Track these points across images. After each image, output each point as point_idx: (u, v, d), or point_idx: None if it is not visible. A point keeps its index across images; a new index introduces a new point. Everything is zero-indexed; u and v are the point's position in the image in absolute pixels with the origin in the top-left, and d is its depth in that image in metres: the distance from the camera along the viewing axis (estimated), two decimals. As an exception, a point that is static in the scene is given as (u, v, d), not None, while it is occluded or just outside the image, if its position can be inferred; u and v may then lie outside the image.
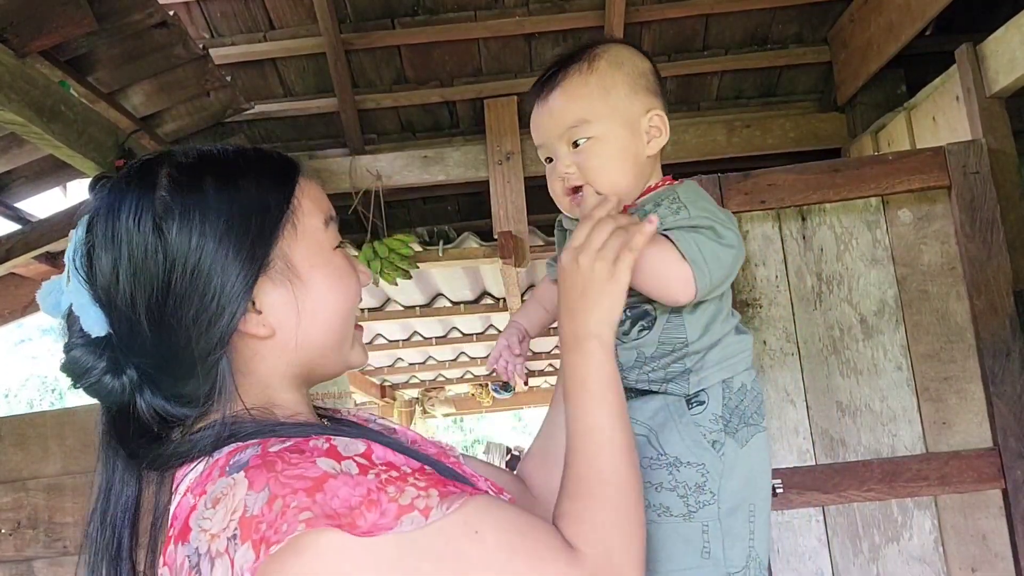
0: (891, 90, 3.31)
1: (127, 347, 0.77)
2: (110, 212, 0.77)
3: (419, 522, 0.66)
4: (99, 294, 0.76)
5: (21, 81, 2.23)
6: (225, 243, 0.76)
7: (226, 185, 0.78)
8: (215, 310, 0.75)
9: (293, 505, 0.65)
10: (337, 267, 0.84)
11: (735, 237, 1.00)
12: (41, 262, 3.51)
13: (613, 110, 1.01)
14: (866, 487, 2.12)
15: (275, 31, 3.41)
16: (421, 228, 3.86)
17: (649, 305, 1.00)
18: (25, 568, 2.58)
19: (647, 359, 1.00)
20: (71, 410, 2.73)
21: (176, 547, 0.69)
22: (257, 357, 0.80)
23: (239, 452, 0.71)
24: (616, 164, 1.01)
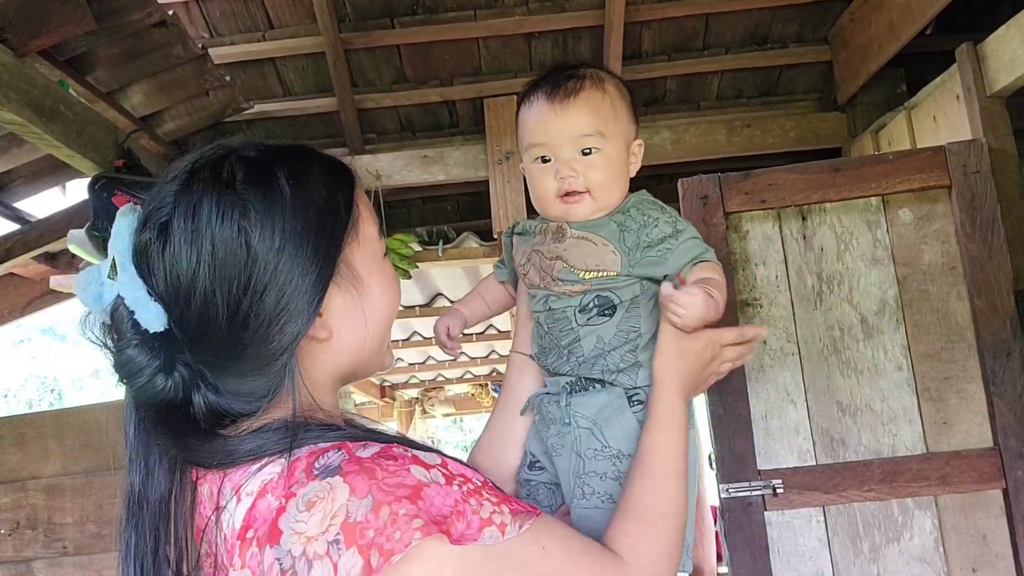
0: (891, 89, 3.31)
1: (193, 344, 0.76)
2: (190, 207, 0.76)
3: (497, 536, 0.72)
4: (161, 289, 0.75)
5: (20, 81, 2.23)
6: (304, 244, 0.77)
7: (301, 185, 0.79)
8: (293, 310, 0.76)
9: (402, 513, 0.68)
10: (388, 275, 0.88)
11: None
12: (40, 262, 3.51)
13: (619, 130, 1.13)
14: (866, 487, 2.12)
15: (274, 30, 3.41)
16: (421, 228, 3.85)
17: (612, 293, 1.08)
18: (24, 568, 2.57)
19: (606, 345, 1.08)
20: (70, 410, 2.73)
21: (263, 550, 0.69)
22: (312, 359, 0.82)
23: (321, 455, 0.72)
24: (615, 178, 1.12)
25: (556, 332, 1.11)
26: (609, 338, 1.08)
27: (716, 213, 2.25)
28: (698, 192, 2.28)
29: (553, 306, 1.11)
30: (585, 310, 1.09)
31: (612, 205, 1.12)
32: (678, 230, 1.10)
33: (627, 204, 1.13)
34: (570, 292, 1.09)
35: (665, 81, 3.66)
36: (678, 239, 1.09)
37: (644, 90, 3.66)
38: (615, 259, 1.08)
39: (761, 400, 2.22)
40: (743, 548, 2.13)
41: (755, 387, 2.22)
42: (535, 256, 1.14)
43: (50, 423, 2.66)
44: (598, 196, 1.11)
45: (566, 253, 1.10)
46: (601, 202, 1.11)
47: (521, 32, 3.45)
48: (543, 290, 1.12)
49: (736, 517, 2.14)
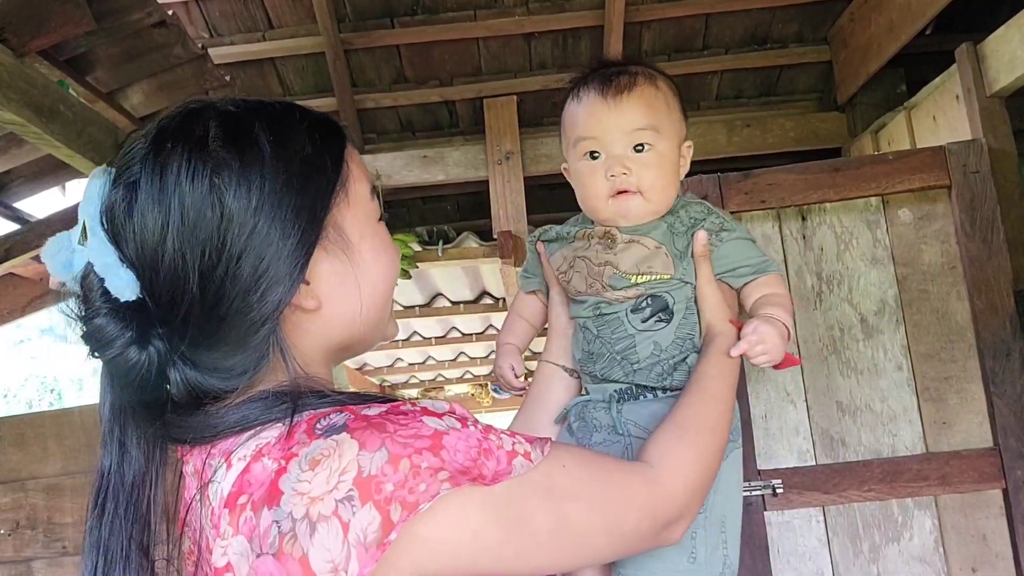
0: (891, 89, 3.31)
1: (165, 314, 0.69)
2: (156, 167, 0.69)
3: (527, 464, 0.70)
4: (132, 255, 0.69)
5: (20, 81, 2.23)
6: (285, 204, 0.70)
7: (282, 142, 0.72)
8: (273, 276, 0.69)
9: (425, 466, 0.63)
10: (383, 238, 0.81)
11: None
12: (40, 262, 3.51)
13: (673, 128, 1.11)
14: (866, 487, 2.12)
15: (274, 31, 3.41)
16: (420, 228, 3.85)
17: (669, 296, 1.06)
18: (24, 568, 2.57)
19: (663, 352, 1.05)
20: (70, 410, 2.73)
21: (258, 513, 0.63)
22: (299, 330, 0.75)
23: (322, 418, 0.67)
24: (668, 178, 1.09)
25: (608, 336, 1.07)
26: (667, 344, 1.06)
27: (716, 213, 2.25)
28: (698, 192, 2.27)
29: (604, 311, 1.07)
30: (638, 310, 1.06)
31: (665, 207, 1.09)
32: (725, 228, 1.09)
33: (676, 205, 1.11)
34: (623, 298, 1.06)
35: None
36: (727, 235, 1.08)
37: (644, 90, 3.66)
38: (667, 262, 1.05)
39: (761, 400, 2.22)
40: (743, 548, 2.12)
41: (755, 387, 2.22)
42: (580, 262, 1.10)
43: (50, 423, 2.66)
44: (651, 196, 1.07)
45: (616, 258, 1.06)
46: (654, 203, 1.08)
47: (521, 32, 3.45)
48: (592, 296, 1.08)
49: (736, 517, 2.14)
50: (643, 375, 1.05)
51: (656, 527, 0.80)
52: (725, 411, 0.96)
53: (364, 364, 6.38)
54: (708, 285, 1.06)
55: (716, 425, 0.93)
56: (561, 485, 0.72)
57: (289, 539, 0.61)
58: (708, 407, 0.94)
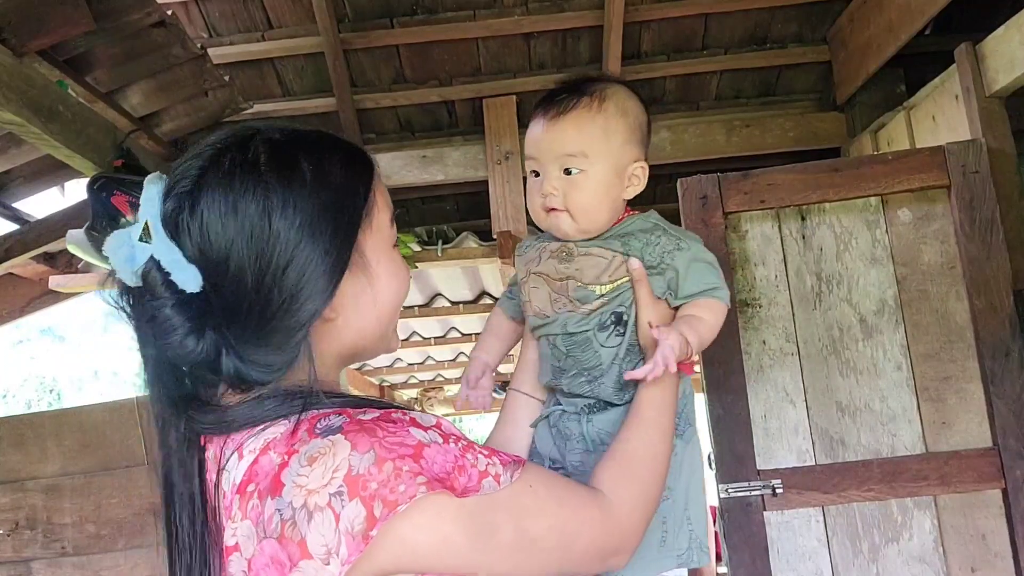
0: (890, 89, 3.30)
1: (224, 309, 0.78)
2: (219, 182, 0.79)
3: (494, 486, 0.78)
4: (192, 254, 0.78)
5: (19, 81, 2.23)
6: (322, 226, 0.80)
7: (321, 169, 0.82)
8: (312, 289, 0.79)
9: (406, 469, 0.71)
10: (398, 264, 0.91)
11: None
12: (39, 262, 3.51)
13: (608, 153, 1.10)
14: (866, 487, 2.12)
15: (273, 30, 3.40)
16: (420, 228, 3.85)
17: (623, 308, 1.08)
18: (24, 569, 2.57)
19: (621, 361, 1.08)
20: (69, 411, 2.72)
21: (264, 501, 0.72)
22: (318, 338, 0.84)
23: (323, 418, 0.76)
24: (597, 201, 1.10)
25: (578, 354, 1.10)
26: (623, 354, 1.08)
27: (715, 213, 2.25)
28: (697, 192, 2.28)
29: (572, 329, 1.10)
30: (604, 328, 1.09)
31: (596, 227, 1.11)
32: (680, 247, 1.09)
33: (631, 226, 1.12)
34: (588, 311, 1.08)
35: (664, 81, 3.66)
36: (682, 252, 1.08)
37: (643, 90, 3.64)
38: (625, 266, 1.08)
39: (760, 400, 2.22)
40: (742, 548, 2.13)
41: (754, 387, 2.22)
42: (536, 279, 1.13)
43: (49, 423, 2.65)
44: (578, 217, 1.10)
45: (578, 272, 1.09)
46: (582, 223, 1.10)
47: (520, 32, 3.45)
48: (562, 314, 1.10)
49: (735, 517, 2.14)
50: (606, 389, 1.09)
51: (603, 554, 0.88)
52: (664, 437, 1.01)
53: (364, 364, 6.38)
54: (643, 309, 1.07)
55: (657, 452, 0.99)
56: (525, 504, 0.80)
57: (290, 525, 0.70)
58: (648, 435, 1.00)
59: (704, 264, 1.10)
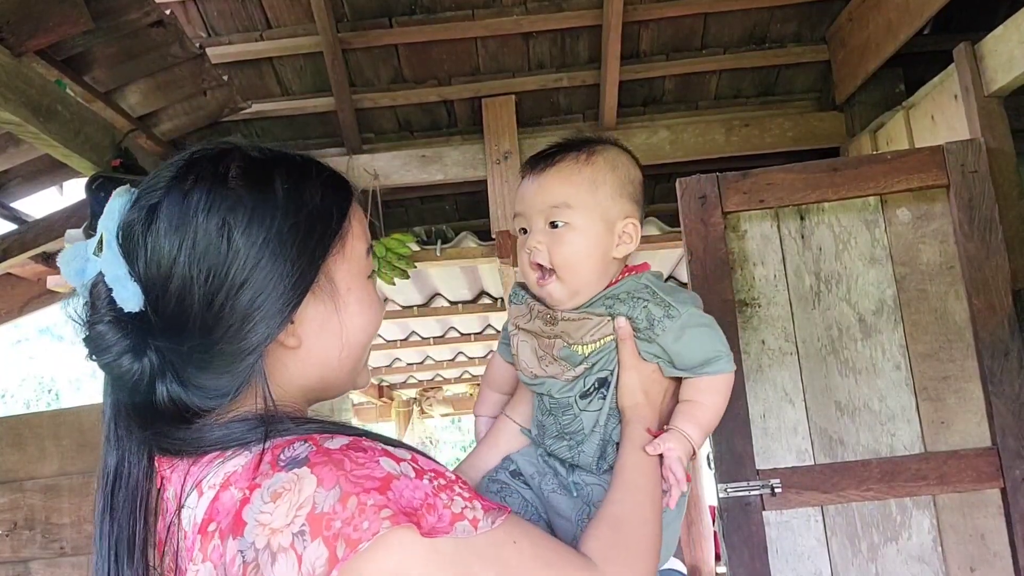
0: (889, 89, 3.31)
1: (165, 330, 0.75)
2: (179, 194, 0.76)
3: (469, 531, 0.72)
4: (142, 271, 0.75)
5: (17, 80, 2.22)
6: (288, 246, 0.76)
7: (295, 189, 0.79)
8: (267, 311, 0.75)
9: (370, 504, 0.67)
10: (371, 296, 0.86)
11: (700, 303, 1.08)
12: (37, 262, 3.51)
13: (596, 205, 1.05)
14: (865, 487, 2.12)
15: (272, 30, 3.40)
16: (419, 227, 3.85)
17: (607, 371, 1.04)
18: (22, 569, 2.57)
19: (601, 426, 1.04)
20: (68, 411, 2.72)
21: (225, 542, 0.68)
22: (278, 364, 0.81)
23: (287, 447, 0.72)
24: (584, 256, 1.04)
25: (560, 418, 1.07)
26: (604, 419, 1.04)
27: (714, 213, 2.25)
28: (696, 192, 2.27)
29: (555, 394, 1.06)
30: (586, 395, 1.05)
31: (586, 288, 1.05)
32: (670, 315, 1.01)
33: (619, 289, 1.06)
34: (571, 378, 1.04)
35: (663, 81, 3.66)
36: (672, 320, 1.01)
37: (642, 90, 3.66)
38: (612, 325, 1.04)
39: (759, 400, 2.22)
40: (741, 548, 2.13)
41: (753, 387, 2.22)
42: (528, 336, 1.09)
43: (47, 424, 2.65)
44: (564, 275, 1.03)
45: (563, 333, 1.05)
46: (569, 283, 1.04)
47: (519, 32, 3.45)
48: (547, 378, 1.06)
49: (734, 517, 2.14)
50: (585, 457, 1.05)
51: None
52: (654, 505, 0.95)
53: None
54: (626, 371, 1.02)
55: (647, 519, 0.93)
56: (506, 558, 0.74)
57: (252, 568, 0.66)
58: (636, 500, 0.94)
59: (699, 330, 1.02)
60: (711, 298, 2.20)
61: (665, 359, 1.03)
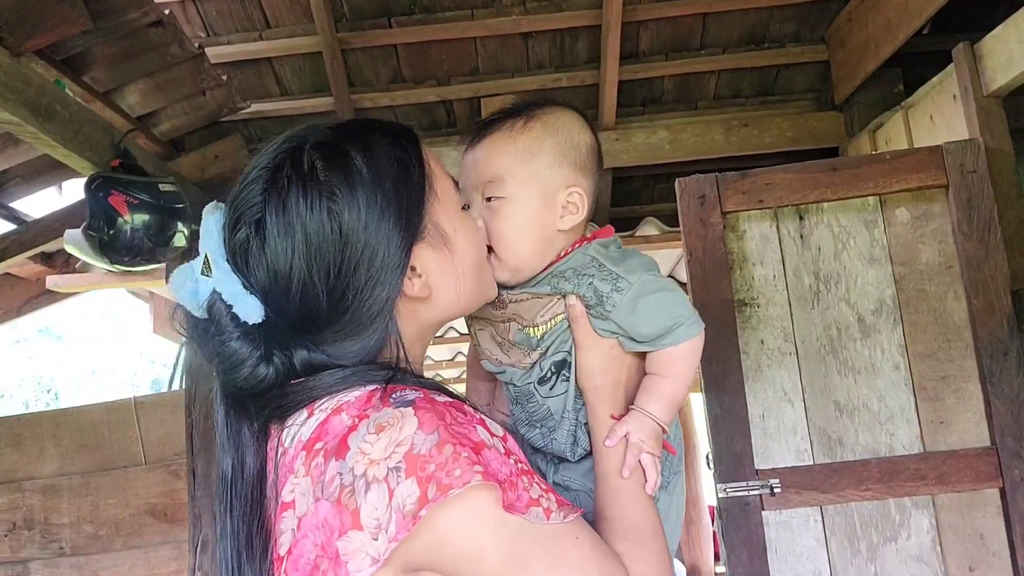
0: (888, 89, 3.31)
1: (294, 328, 0.80)
2: (279, 203, 0.79)
3: (542, 518, 0.75)
4: (260, 282, 0.79)
5: (16, 80, 2.22)
6: (387, 214, 0.81)
7: (373, 160, 0.82)
8: (382, 276, 0.80)
9: (464, 456, 0.71)
10: (470, 224, 0.91)
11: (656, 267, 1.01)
12: (36, 262, 3.50)
13: (531, 176, 0.98)
14: (864, 487, 2.12)
15: (271, 30, 3.40)
16: (418, 227, 3.85)
17: (564, 352, 0.99)
18: (21, 569, 2.57)
19: (568, 410, 1.00)
20: (67, 411, 2.72)
21: (328, 461, 0.72)
22: (412, 316, 0.86)
23: (399, 390, 0.76)
24: (520, 232, 0.98)
25: (526, 406, 1.03)
26: (571, 402, 0.99)
27: (713, 213, 2.25)
28: (695, 192, 2.27)
29: (517, 383, 1.02)
30: (545, 380, 1.00)
31: (527, 266, 0.99)
32: (619, 287, 0.93)
33: (564, 265, 0.99)
34: (527, 364, 1.00)
35: (663, 81, 3.66)
36: (621, 293, 0.93)
37: (641, 90, 3.66)
38: (563, 303, 0.98)
39: (759, 400, 2.22)
40: (741, 548, 2.13)
41: (752, 387, 2.22)
42: (483, 323, 1.04)
43: (47, 424, 2.65)
44: (503, 254, 0.97)
45: (515, 316, 1.00)
46: (508, 261, 0.98)
47: (518, 32, 3.44)
48: (507, 367, 1.03)
49: (734, 517, 2.14)
50: (559, 445, 1.01)
51: None
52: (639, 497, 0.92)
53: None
54: (581, 352, 0.97)
55: (654, 519, 0.92)
56: (566, 550, 0.77)
57: (348, 492, 0.70)
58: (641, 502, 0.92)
59: (653, 298, 0.94)
60: (710, 298, 2.20)
61: (623, 334, 0.96)
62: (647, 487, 0.93)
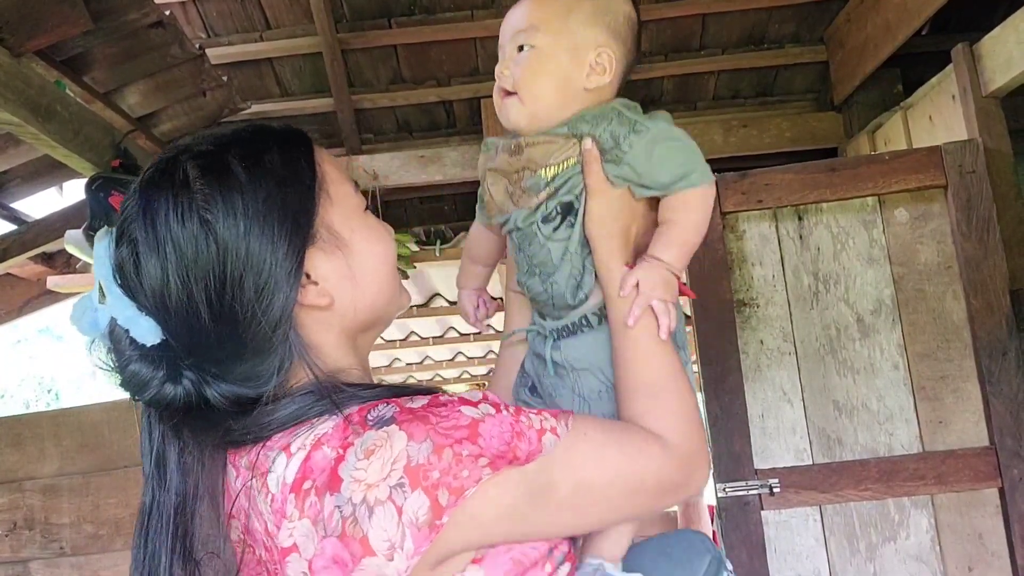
0: (888, 89, 3.31)
1: (188, 347, 0.77)
2: (147, 218, 0.76)
3: (554, 440, 0.76)
4: (146, 302, 0.76)
5: (17, 81, 2.22)
6: (269, 221, 0.77)
7: (254, 166, 0.79)
8: (273, 286, 0.76)
9: (466, 454, 0.70)
10: (372, 227, 0.88)
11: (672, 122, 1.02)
12: (37, 262, 3.51)
13: (564, 30, 0.99)
14: (863, 486, 2.13)
15: (271, 31, 3.40)
16: (418, 228, 3.85)
17: (572, 196, 0.98)
18: (21, 569, 2.57)
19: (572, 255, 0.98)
20: (67, 411, 2.72)
21: (322, 498, 0.70)
22: (324, 327, 0.83)
23: (372, 409, 0.74)
24: (545, 80, 0.98)
25: (527, 249, 1.01)
26: (574, 248, 0.98)
27: (713, 213, 2.25)
28: (695, 192, 2.28)
29: (520, 224, 1.00)
30: (548, 220, 0.98)
31: (545, 113, 0.99)
32: (636, 130, 0.95)
33: (585, 113, 0.99)
34: (535, 205, 0.98)
35: (662, 81, 3.67)
36: (639, 135, 0.94)
37: (641, 90, 3.66)
38: (577, 148, 0.97)
39: (758, 399, 2.22)
40: (740, 547, 2.13)
41: (752, 386, 2.23)
42: (496, 176, 1.03)
43: (47, 424, 2.65)
44: (524, 96, 0.98)
45: (529, 162, 0.99)
46: (528, 105, 0.98)
47: (518, 32, 3.45)
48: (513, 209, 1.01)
49: (733, 516, 2.15)
50: (559, 288, 0.99)
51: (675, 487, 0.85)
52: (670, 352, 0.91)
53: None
54: (592, 197, 0.95)
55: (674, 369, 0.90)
56: (584, 454, 0.78)
57: (351, 522, 0.68)
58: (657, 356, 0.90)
59: (668, 144, 0.96)
60: (709, 298, 2.21)
61: (635, 181, 0.96)
62: (660, 332, 0.91)
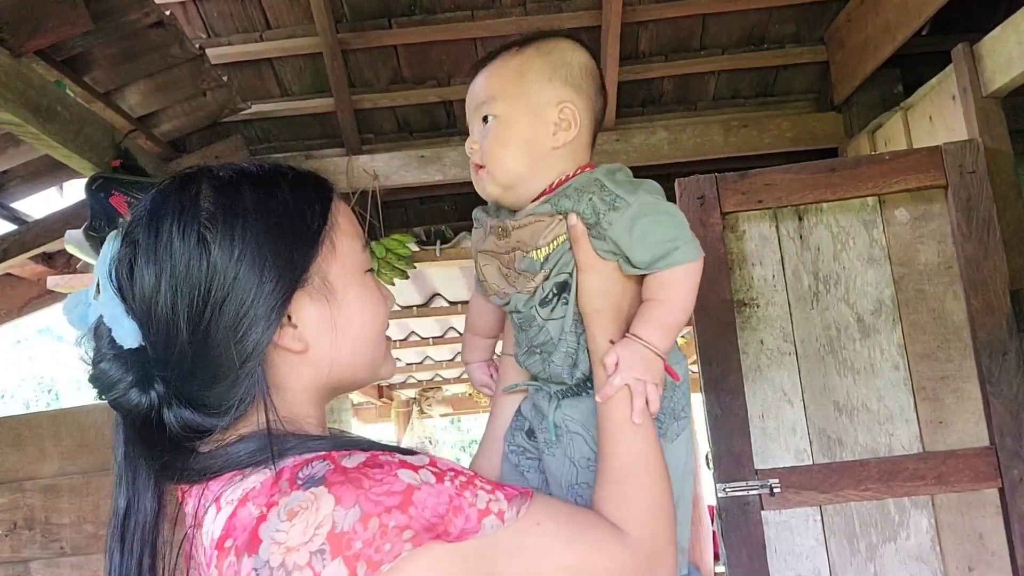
0: (888, 90, 3.31)
1: (161, 358, 0.76)
2: (152, 225, 0.77)
3: (497, 524, 0.73)
4: (135, 306, 0.76)
5: (17, 81, 2.23)
6: (264, 253, 0.76)
7: (265, 198, 0.79)
8: (253, 318, 0.75)
9: (392, 525, 0.67)
10: (370, 290, 0.86)
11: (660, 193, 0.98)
12: (37, 262, 3.51)
13: (520, 94, 0.99)
14: (863, 486, 2.13)
15: (272, 31, 3.40)
16: (418, 228, 3.85)
17: (565, 274, 0.97)
18: (22, 569, 2.57)
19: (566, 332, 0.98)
20: (67, 411, 2.73)
21: (240, 559, 0.68)
22: (293, 372, 0.81)
23: (305, 465, 0.71)
24: (510, 149, 0.98)
25: (528, 331, 1.02)
26: (569, 325, 0.97)
27: (713, 213, 2.26)
28: (695, 192, 2.28)
29: (520, 308, 1.01)
30: (546, 302, 0.98)
31: (519, 182, 0.98)
32: (616, 206, 0.92)
33: (568, 186, 0.97)
34: (531, 289, 0.98)
35: (662, 81, 3.67)
36: (619, 211, 0.92)
37: (641, 90, 3.67)
38: (564, 225, 0.96)
39: (758, 400, 2.22)
40: (740, 547, 2.13)
41: (752, 387, 2.23)
42: (488, 257, 1.04)
43: (47, 424, 2.65)
44: (493, 169, 0.98)
45: (519, 243, 0.99)
46: (497, 174, 0.98)
47: (519, 32, 3.45)
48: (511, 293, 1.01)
49: (733, 516, 2.15)
50: (556, 367, 1.00)
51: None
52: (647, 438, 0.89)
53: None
54: (582, 272, 0.95)
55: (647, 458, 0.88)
56: (532, 545, 0.75)
57: None
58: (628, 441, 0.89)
59: (651, 219, 0.92)
60: (710, 298, 2.21)
61: (621, 256, 0.94)
62: (633, 415, 0.89)
